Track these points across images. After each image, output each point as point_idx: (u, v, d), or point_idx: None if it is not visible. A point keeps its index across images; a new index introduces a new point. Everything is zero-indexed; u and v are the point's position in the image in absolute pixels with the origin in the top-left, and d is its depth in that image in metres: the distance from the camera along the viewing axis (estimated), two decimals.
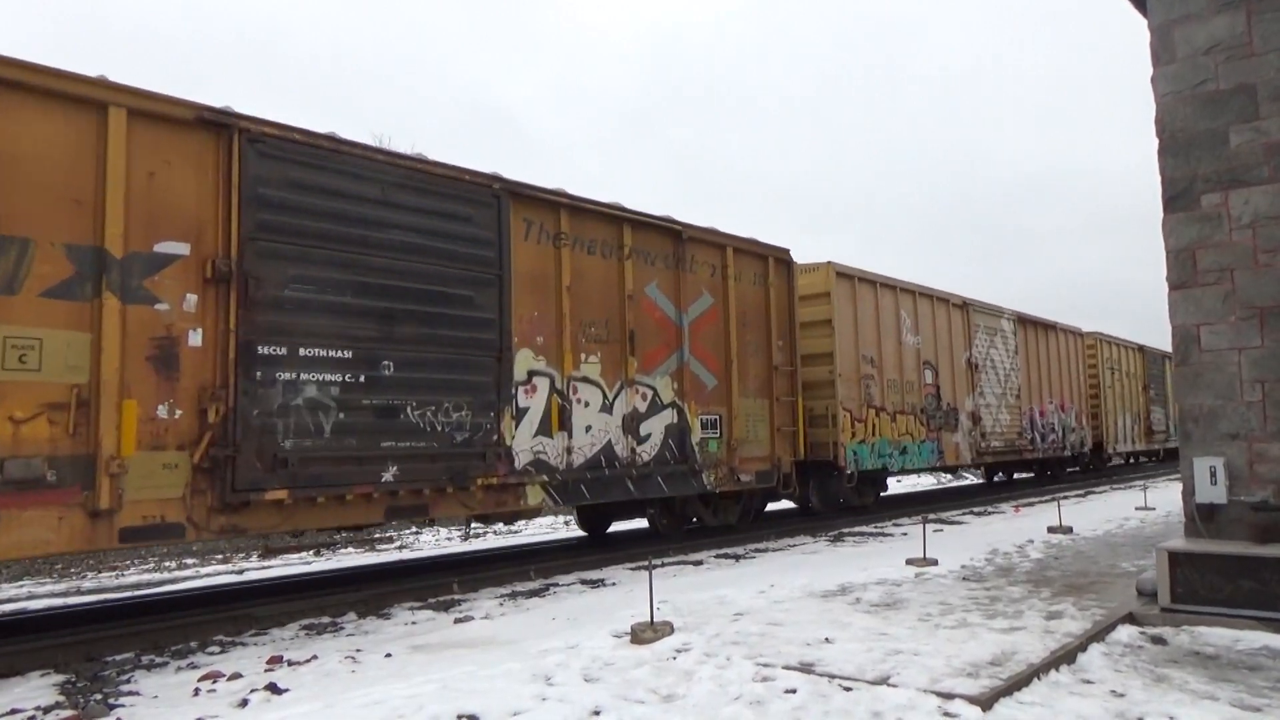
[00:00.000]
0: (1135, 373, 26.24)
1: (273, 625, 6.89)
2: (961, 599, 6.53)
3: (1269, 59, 6.26)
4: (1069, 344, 21.78)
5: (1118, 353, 25.03)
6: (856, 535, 11.95)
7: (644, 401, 9.70)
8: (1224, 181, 6.39)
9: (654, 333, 9.91)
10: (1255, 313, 6.23)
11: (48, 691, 5.15)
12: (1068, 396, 21.22)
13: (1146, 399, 26.80)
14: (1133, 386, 25.90)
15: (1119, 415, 24.51)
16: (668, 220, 10.25)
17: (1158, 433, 27.57)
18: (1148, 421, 26.70)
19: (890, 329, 14.59)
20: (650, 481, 9.74)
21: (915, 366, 15.11)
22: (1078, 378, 22.10)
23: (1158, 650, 5.19)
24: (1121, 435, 24.61)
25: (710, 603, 6.60)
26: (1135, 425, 25.84)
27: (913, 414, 14.82)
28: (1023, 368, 18.85)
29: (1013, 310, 18.84)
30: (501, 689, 4.41)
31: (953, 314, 16.57)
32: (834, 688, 4.30)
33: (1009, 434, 17.96)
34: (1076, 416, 21.71)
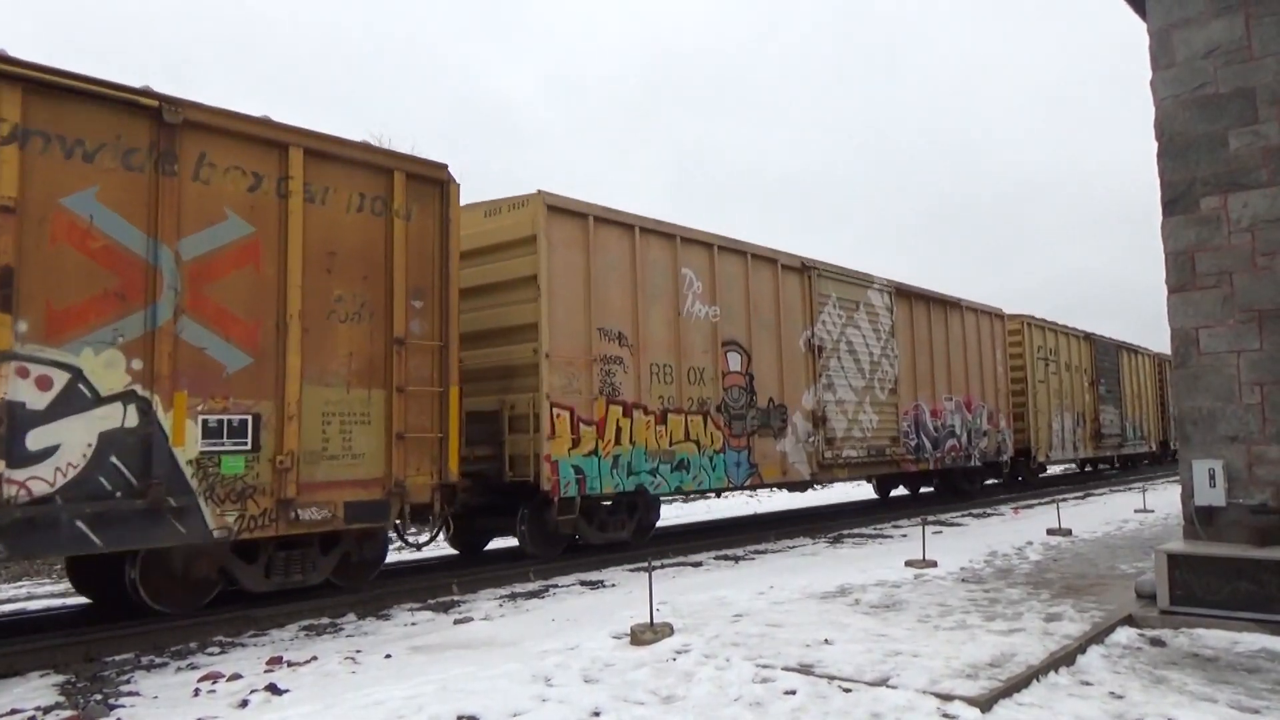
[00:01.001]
0: (1080, 365, 22.20)
1: (272, 626, 6.89)
2: (960, 600, 6.53)
3: (1267, 63, 6.27)
4: (981, 327, 17.59)
5: (1055, 340, 20.96)
6: (856, 537, 11.97)
7: (42, 392, 5.71)
8: (1223, 185, 6.40)
9: (83, 275, 5.97)
10: (1254, 315, 6.24)
11: (48, 692, 5.16)
12: (978, 393, 17.20)
13: (1095, 397, 22.65)
14: (1075, 382, 21.75)
15: (1055, 416, 20.34)
16: (127, 90, 6.27)
17: (1108, 437, 23.46)
18: (1095, 423, 22.59)
19: (661, 294, 10.58)
20: (45, 532, 5.66)
21: (710, 348, 11.11)
22: (994, 370, 17.99)
23: (1156, 652, 5.20)
24: (1058, 440, 20.42)
25: (710, 604, 6.60)
26: (1078, 428, 21.70)
27: (703, 414, 10.87)
28: (904, 354, 14.89)
29: (887, 279, 14.76)
30: (501, 690, 4.42)
31: (784, 279, 12.44)
32: (833, 689, 4.31)
33: (877, 439, 13.94)
34: (991, 417, 17.60)
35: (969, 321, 17.30)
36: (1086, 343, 22.82)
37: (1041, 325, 20.52)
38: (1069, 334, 21.94)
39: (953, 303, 16.83)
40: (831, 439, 12.98)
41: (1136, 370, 26.55)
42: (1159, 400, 28.62)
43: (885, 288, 14.70)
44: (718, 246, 11.47)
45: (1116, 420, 24.20)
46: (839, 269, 13.75)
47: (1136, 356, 26.65)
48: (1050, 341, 20.77)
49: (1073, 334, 22.12)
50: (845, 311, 13.65)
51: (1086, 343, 22.82)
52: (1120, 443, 24.46)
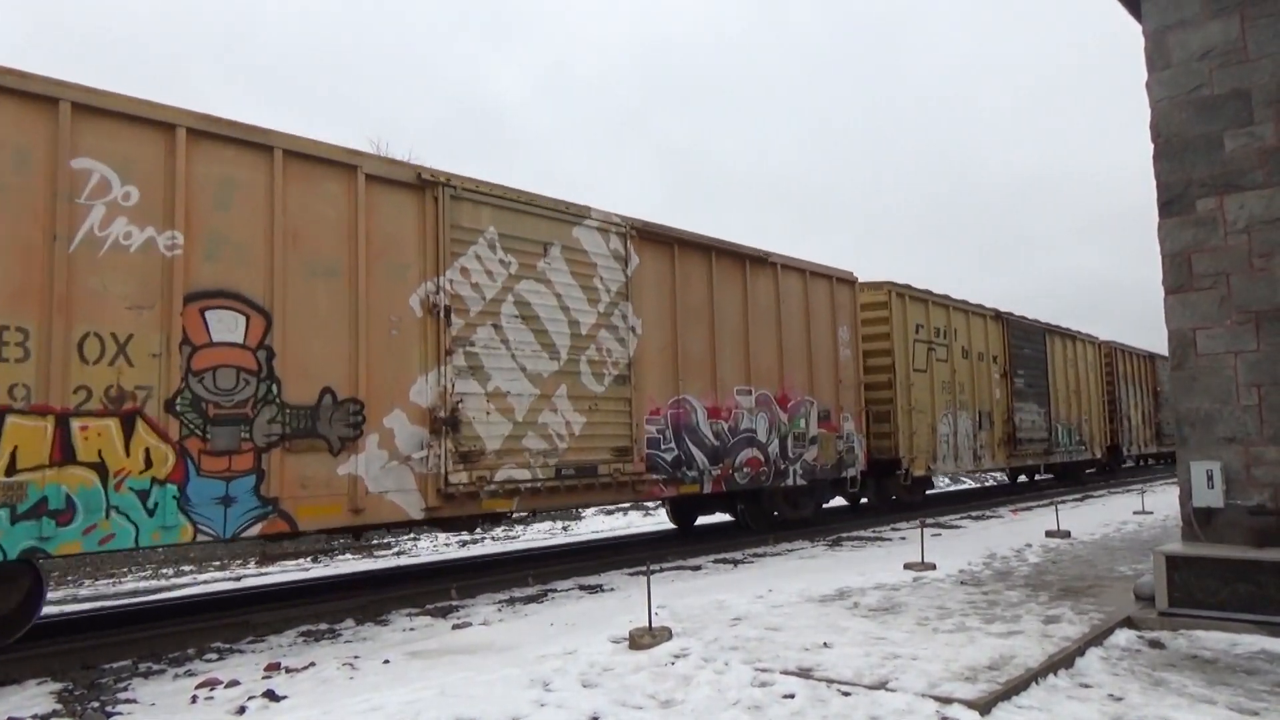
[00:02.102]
0: (987, 352, 17.48)
1: (270, 632, 6.88)
2: (959, 603, 6.53)
3: (1263, 64, 6.29)
4: (813, 295, 12.90)
5: (946, 319, 16.18)
6: (855, 540, 11.96)
7: None
8: (1219, 186, 6.41)
9: None
10: (1251, 317, 6.25)
11: (45, 700, 5.14)
12: (802, 384, 12.56)
13: (1007, 391, 17.91)
14: (980, 373, 17.04)
15: (943, 417, 15.68)
16: None
17: (1028, 442, 18.54)
18: (1009, 426, 17.82)
19: None
20: None
21: (150, 302, 6.33)
22: (832, 354, 13.22)
23: (1155, 654, 5.19)
24: (947, 448, 15.62)
25: (708, 607, 6.60)
26: (982, 432, 16.89)
27: (120, 414, 6.11)
28: (652, 326, 10.25)
29: (621, 216, 10.04)
30: (499, 695, 4.41)
31: (377, 198, 7.84)
32: (832, 692, 4.30)
33: (585, 452, 9.28)
34: (827, 418, 13.00)
35: (789, 287, 12.43)
36: (996, 323, 17.97)
37: (922, 298, 15.55)
38: (969, 311, 17.00)
39: (756, 258, 11.91)
40: (471, 452, 8.22)
41: (1074, 360, 21.74)
42: (1107, 398, 24.00)
43: (611, 225, 9.85)
44: (188, 129, 6.57)
45: (1041, 421, 19.32)
46: (503, 189, 8.81)
47: (1074, 344, 21.87)
48: (939, 319, 15.95)
49: (975, 312, 17.23)
50: (519, 256, 8.88)
51: (996, 323, 17.97)
52: (1047, 449, 19.56)
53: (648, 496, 10.30)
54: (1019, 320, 19.01)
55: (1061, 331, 21.39)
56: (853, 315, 13.97)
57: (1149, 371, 28.10)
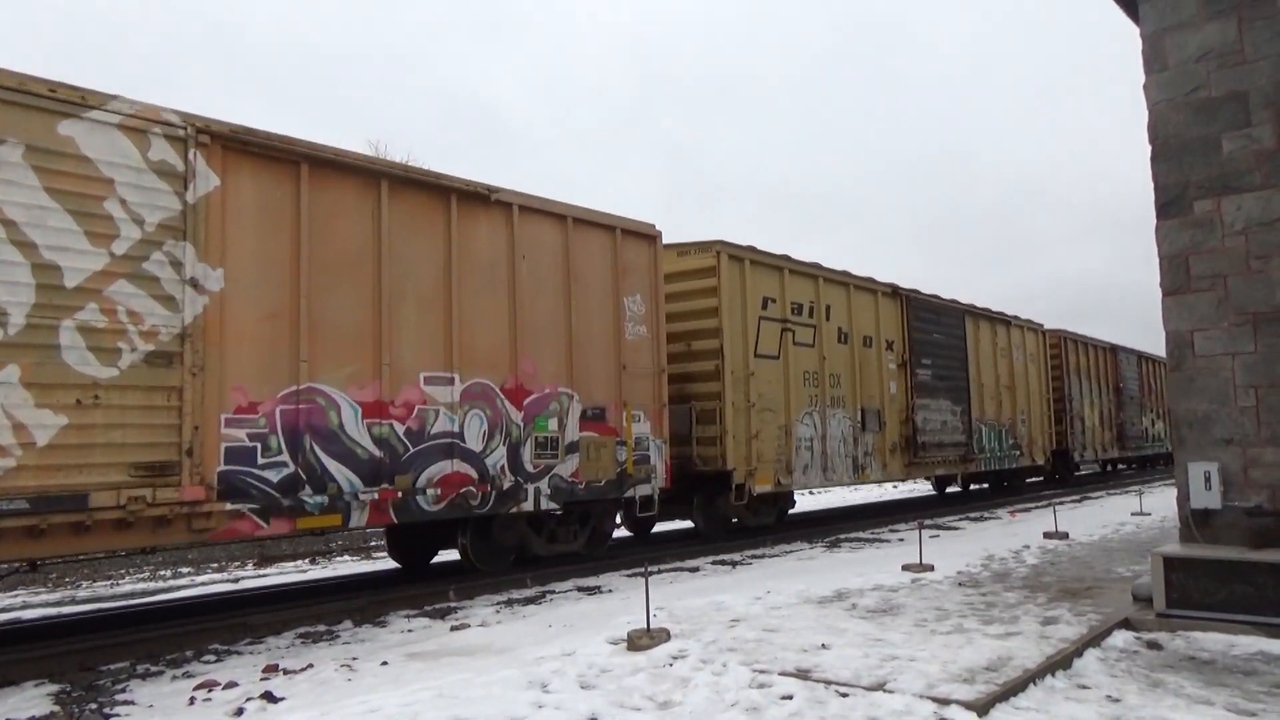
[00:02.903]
0: (878, 337, 14.33)
1: (269, 634, 6.88)
2: (957, 605, 6.53)
3: (1260, 66, 6.30)
4: (568, 245, 9.50)
5: (812, 291, 12.95)
6: (853, 541, 11.96)
7: None
8: (1216, 188, 6.42)
9: None
10: (1248, 318, 6.26)
11: (43, 701, 5.14)
12: (555, 370, 9.30)
13: (906, 384, 14.84)
14: (865, 361, 14.03)
15: (806, 417, 12.50)
16: None
17: (935, 447, 15.28)
18: (907, 427, 14.69)
19: None
20: None
21: None
22: (609, 332, 9.92)
23: (1153, 655, 5.20)
24: (803, 460, 12.32)
25: (707, 609, 6.60)
26: (863, 436, 13.63)
27: None
28: (273, 277, 7.24)
29: (191, 114, 6.87)
30: (498, 696, 4.41)
31: None
32: (830, 694, 4.31)
33: (35, 473, 5.75)
34: (606, 415, 9.73)
35: (535, 238, 9.14)
36: (893, 301, 14.89)
37: (775, 264, 12.24)
38: (851, 285, 13.83)
39: (470, 193, 8.65)
40: None
41: (1007, 350, 18.29)
42: (1049, 396, 20.49)
43: (153, 124, 6.61)
44: None
45: (955, 422, 16.08)
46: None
47: (1007, 330, 18.49)
48: (802, 292, 12.70)
49: (860, 286, 14.12)
50: None
51: (893, 301, 14.89)
52: (964, 455, 16.25)
53: (223, 537, 6.83)
54: (925, 299, 15.62)
55: (989, 315, 17.94)
56: (652, 282, 10.49)
57: (1109, 365, 24.51)
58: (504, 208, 8.94)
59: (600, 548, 10.32)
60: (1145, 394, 27.34)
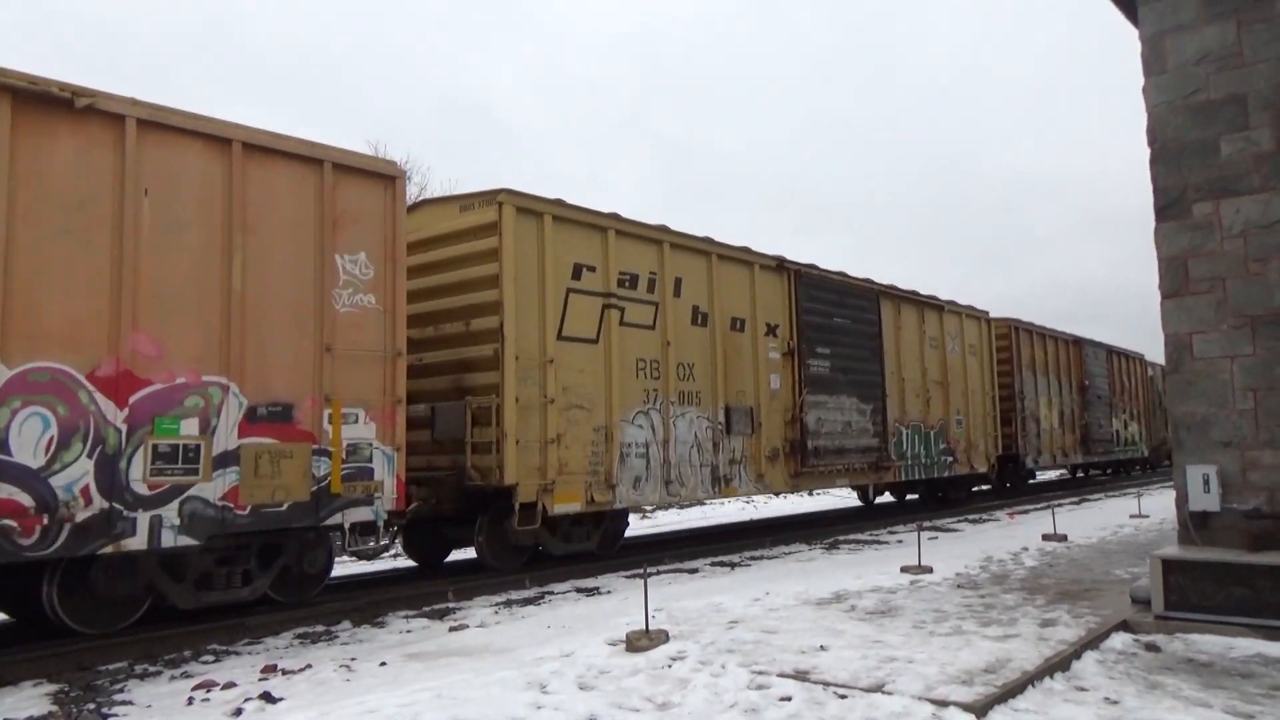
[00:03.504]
0: (754, 319, 11.65)
1: (267, 634, 6.87)
2: (956, 606, 6.54)
3: (1259, 69, 6.31)
4: (230, 180, 6.86)
5: (654, 259, 10.41)
6: (852, 543, 11.97)
7: None
8: (1215, 191, 6.43)
9: None
10: (1247, 321, 6.27)
11: (41, 701, 5.14)
12: (196, 349, 6.62)
13: (793, 378, 12.13)
14: (736, 349, 11.35)
15: (640, 417, 9.99)
16: None
17: (834, 453, 12.64)
18: (794, 430, 11.97)
19: None
20: None
21: None
22: (306, 302, 7.30)
23: (1151, 657, 5.20)
24: (632, 471, 9.80)
25: (705, 610, 6.60)
26: (726, 441, 11.03)
27: None
28: None
29: None
30: (496, 697, 4.41)
31: None
32: (829, 695, 4.31)
33: None
34: (294, 413, 7.04)
35: (152, 162, 6.56)
36: (777, 277, 12.09)
37: (596, 224, 9.72)
38: (714, 254, 11.11)
39: None
40: None
41: (939, 341, 15.74)
42: (994, 393, 17.76)
43: None
44: None
45: (864, 423, 13.32)
46: None
47: (939, 316, 15.88)
48: (638, 260, 10.09)
49: (731, 257, 11.40)
50: None
51: (777, 277, 12.09)
52: (876, 462, 13.50)
53: None
54: (823, 276, 12.80)
55: (915, 298, 15.15)
56: (387, 236, 7.88)
57: (1072, 360, 21.89)
58: (109, 122, 6.30)
59: (305, 593, 7.73)
60: (1116, 393, 24.79)
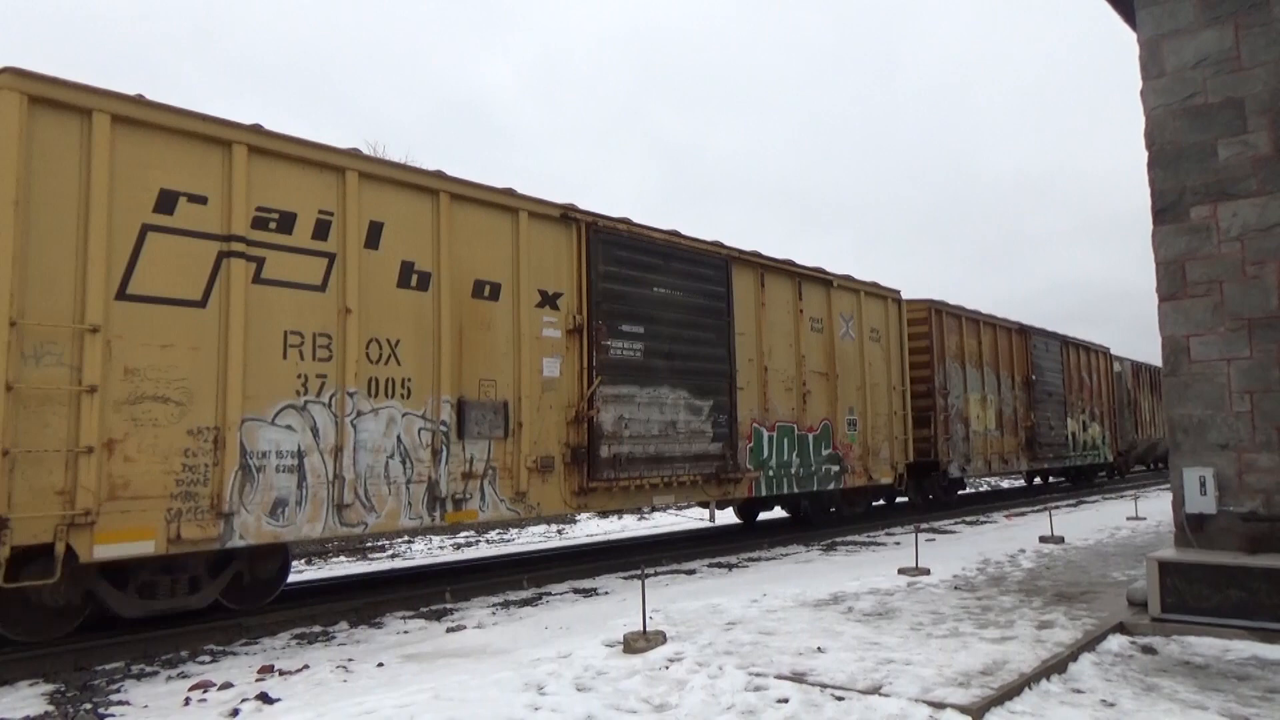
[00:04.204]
0: (516, 283, 8.59)
1: (264, 634, 6.86)
2: (953, 608, 6.54)
3: (1256, 73, 6.32)
4: None
5: (346, 197, 7.33)
6: (849, 545, 11.97)
7: None
8: (1212, 194, 6.44)
9: None
10: (1244, 324, 6.28)
11: (37, 701, 5.13)
12: None
13: (580, 364, 9.15)
14: (493, 322, 8.39)
15: (275, 414, 6.74)
16: None
17: (649, 462, 9.68)
18: (577, 432, 9.03)
19: None
20: None
21: None
22: None
23: (1148, 660, 5.21)
24: (284, 490, 6.66)
25: (703, 612, 6.60)
26: (459, 447, 7.88)
27: None
28: None
29: None
30: (494, 698, 4.41)
31: None
32: (826, 697, 4.31)
33: None
34: None
35: None
36: (565, 231, 9.18)
37: (154, 122, 6.34)
38: (445, 194, 8.10)
39: None
40: None
41: (826, 323, 12.81)
42: (905, 388, 14.63)
43: None
44: None
45: (701, 425, 10.35)
46: None
47: (827, 292, 12.92)
48: (290, 191, 7.08)
49: (484, 201, 8.44)
50: None
51: (565, 231, 9.18)
52: (718, 473, 10.58)
53: None
54: (632, 233, 9.72)
55: (787, 268, 12.19)
56: None
57: (1016, 352, 18.66)
58: None
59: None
60: (1072, 390, 21.29)
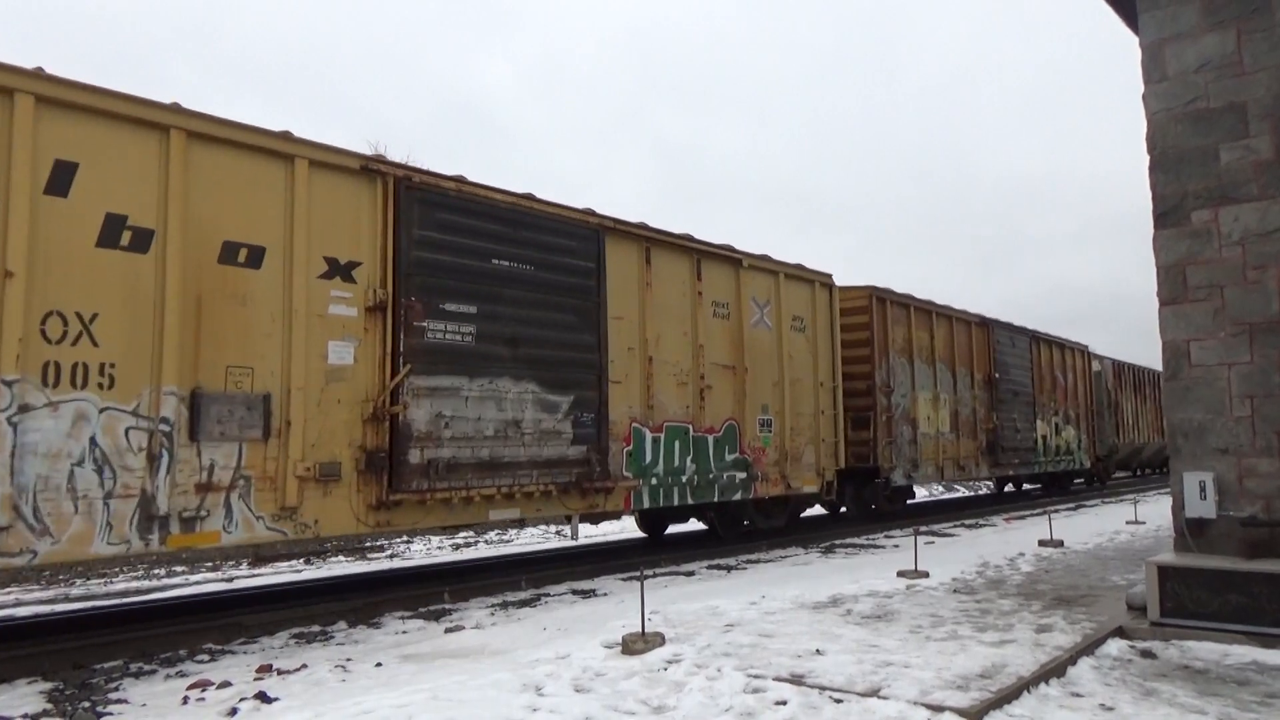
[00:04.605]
0: (284, 250, 6.75)
1: (262, 634, 6.86)
2: (952, 611, 6.54)
3: (1258, 78, 6.32)
4: None
5: None
6: (848, 547, 11.97)
7: None
8: (1214, 198, 6.44)
9: None
10: (1245, 329, 6.28)
11: (35, 699, 5.12)
12: None
13: (380, 348, 7.32)
14: (251, 294, 6.53)
15: None
16: None
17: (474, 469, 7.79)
18: (375, 435, 7.22)
19: None
20: None
21: None
22: None
23: (1147, 664, 5.21)
24: None
25: (702, 613, 6.60)
26: (203, 456, 6.09)
27: None
28: None
29: None
30: (492, 699, 4.40)
31: None
32: (824, 699, 4.31)
33: None
34: None
35: None
36: (367, 185, 7.35)
37: None
38: (176, 129, 6.12)
39: None
40: None
41: (729, 307, 11.09)
42: (835, 384, 13.01)
43: None
44: None
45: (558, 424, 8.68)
46: None
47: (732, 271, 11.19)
48: None
49: (222, 139, 6.40)
50: None
51: (367, 185, 7.35)
52: (580, 481, 8.85)
53: None
54: (462, 193, 8.04)
55: (682, 244, 10.41)
56: None
57: (977, 347, 17.05)
58: None
59: None
60: (1043, 390, 19.60)
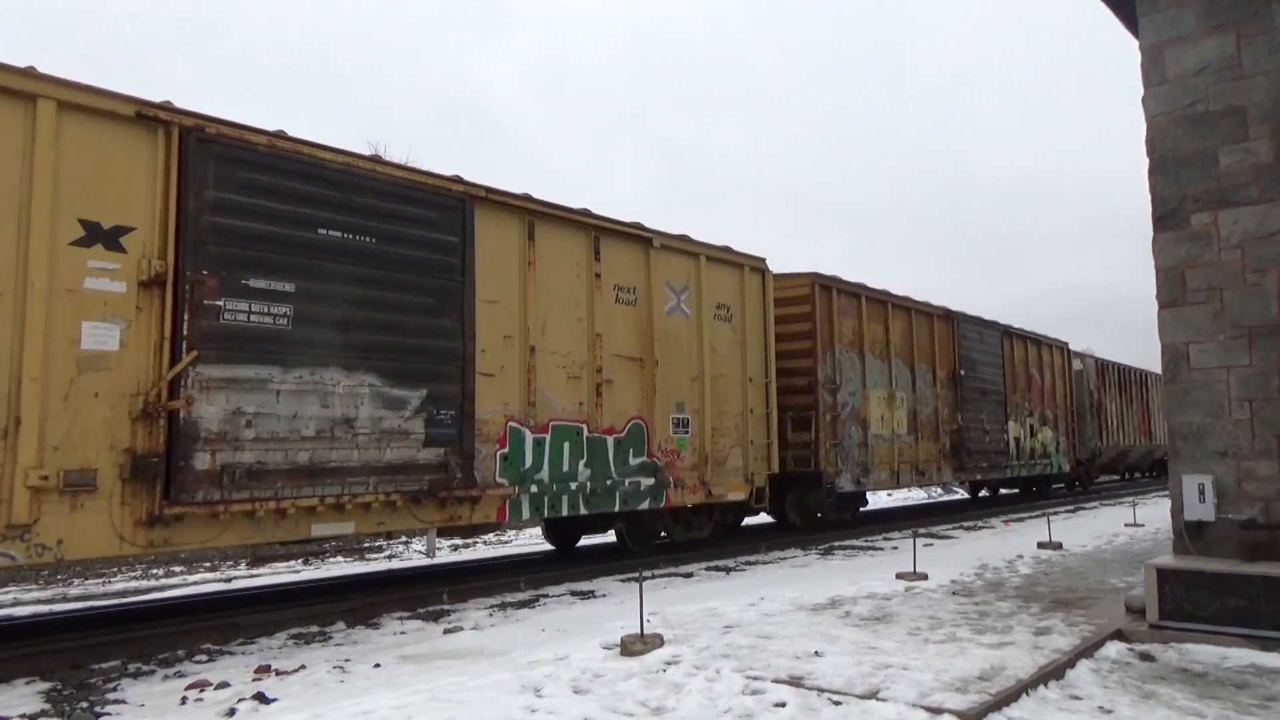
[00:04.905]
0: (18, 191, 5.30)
1: (261, 634, 6.85)
2: (951, 613, 6.54)
3: (1258, 81, 6.33)
4: None
5: None
6: (847, 549, 11.96)
7: None
8: (1213, 201, 6.45)
9: None
10: (1244, 332, 6.28)
11: (33, 699, 5.12)
12: None
13: (157, 330, 6.04)
14: None
15: None
16: None
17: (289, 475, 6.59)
18: (147, 436, 5.93)
19: None
20: None
21: None
22: None
23: (1145, 667, 5.21)
24: None
25: (700, 615, 6.60)
26: None
27: None
28: None
29: None
30: (490, 700, 4.40)
31: None
32: (823, 701, 4.31)
33: None
34: None
35: None
36: (135, 134, 6.05)
37: None
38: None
39: None
40: None
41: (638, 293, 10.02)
42: (768, 380, 11.83)
43: None
44: None
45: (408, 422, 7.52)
46: None
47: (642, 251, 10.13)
48: None
49: None
50: None
51: (135, 134, 6.05)
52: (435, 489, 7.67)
53: None
54: (274, 147, 6.80)
55: (574, 218, 9.36)
56: None
57: (940, 341, 16.06)
58: None
59: None
60: (1016, 389, 18.45)
